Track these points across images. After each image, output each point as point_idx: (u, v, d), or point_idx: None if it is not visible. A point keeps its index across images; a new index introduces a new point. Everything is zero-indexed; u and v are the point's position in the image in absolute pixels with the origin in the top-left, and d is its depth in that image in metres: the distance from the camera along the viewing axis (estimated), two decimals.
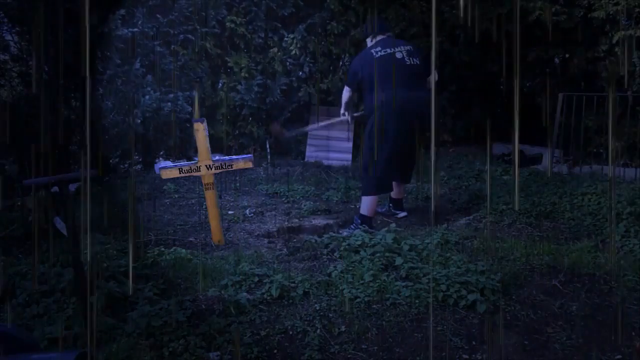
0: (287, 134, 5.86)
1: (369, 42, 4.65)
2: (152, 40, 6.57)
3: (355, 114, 5.10)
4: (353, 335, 2.81)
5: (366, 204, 4.54)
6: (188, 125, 6.70)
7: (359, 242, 3.75)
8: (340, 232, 4.37)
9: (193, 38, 6.85)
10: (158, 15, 6.68)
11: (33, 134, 4.61)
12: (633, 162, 5.94)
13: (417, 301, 3.05)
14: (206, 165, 4.22)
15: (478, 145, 7.21)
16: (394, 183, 4.75)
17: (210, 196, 4.27)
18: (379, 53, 4.44)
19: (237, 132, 7.27)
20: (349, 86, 4.73)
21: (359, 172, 5.09)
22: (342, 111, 4.95)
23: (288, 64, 7.25)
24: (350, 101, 4.88)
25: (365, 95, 4.56)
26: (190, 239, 4.43)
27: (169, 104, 6.46)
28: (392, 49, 4.45)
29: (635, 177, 5.33)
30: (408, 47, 4.49)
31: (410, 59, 4.42)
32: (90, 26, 4.04)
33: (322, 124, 6.11)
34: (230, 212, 5.12)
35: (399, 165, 4.59)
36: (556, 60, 7.51)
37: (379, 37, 4.60)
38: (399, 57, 4.41)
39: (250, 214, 5.11)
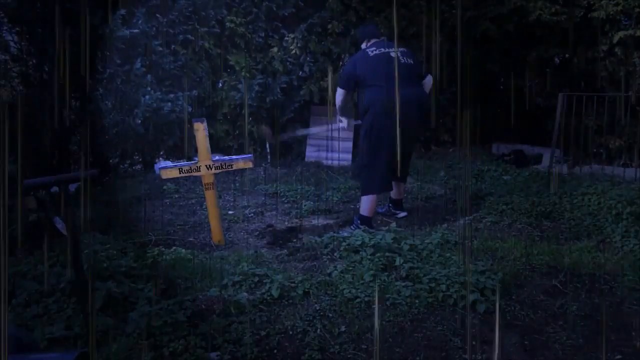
0: (279, 137, 5.86)
1: (364, 45, 4.71)
2: (152, 40, 6.56)
3: (355, 122, 4.99)
4: (353, 335, 2.81)
5: (366, 204, 4.54)
6: (188, 125, 6.70)
7: (359, 242, 3.75)
8: (340, 232, 4.37)
9: (193, 38, 6.85)
10: (158, 15, 6.68)
11: (33, 134, 4.60)
12: (633, 162, 5.94)
13: (417, 301, 3.05)
14: (206, 165, 4.22)
15: (478, 145, 7.20)
16: (393, 183, 4.74)
17: (210, 196, 4.27)
18: (374, 52, 4.51)
19: (237, 132, 7.27)
20: (342, 88, 4.66)
21: (357, 172, 5.07)
22: (338, 117, 4.82)
23: (288, 63, 7.25)
24: (345, 104, 4.82)
25: (361, 94, 4.60)
26: (190, 239, 4.43)
27: (169, 104, 6.45)
28: (387, 49, 4.51)
29: (635, 177, 5.33)
30: (402, 49, 4.57)
31: (405, 58, 4.48)
32: (90, 26, 4.04)
33: (315, 129, 6.11)
34: (230, 212, 5.12)
35: (396, 163, 4.58)
36: (556, 60, 7.51)
37: (373, 41, 4.67)
38: (394, 56, 4.47)
39: (250, 214, 5.11)
